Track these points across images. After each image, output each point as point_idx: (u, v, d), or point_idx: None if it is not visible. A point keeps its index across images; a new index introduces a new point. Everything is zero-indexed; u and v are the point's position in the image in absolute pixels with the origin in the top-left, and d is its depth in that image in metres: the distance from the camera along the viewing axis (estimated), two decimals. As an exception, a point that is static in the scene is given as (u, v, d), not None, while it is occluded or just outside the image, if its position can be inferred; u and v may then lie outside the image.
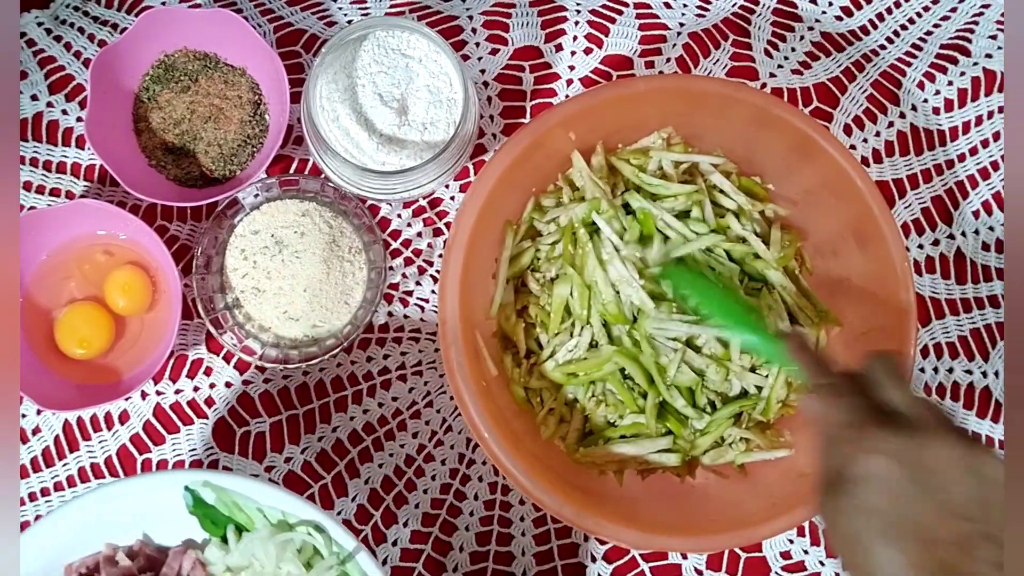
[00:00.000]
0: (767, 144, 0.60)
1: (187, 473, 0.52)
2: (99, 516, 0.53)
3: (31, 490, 0.63)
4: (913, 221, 0.68)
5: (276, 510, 0.53)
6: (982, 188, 0.68)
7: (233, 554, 0.53)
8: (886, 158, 0.68)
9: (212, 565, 0.54)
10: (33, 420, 0.63)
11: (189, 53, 0.65)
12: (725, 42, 0.68)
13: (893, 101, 0.69)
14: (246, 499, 0.53)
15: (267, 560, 0.52)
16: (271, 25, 0.67)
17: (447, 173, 0.59)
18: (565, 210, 0.60)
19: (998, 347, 0.66)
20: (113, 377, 0.62)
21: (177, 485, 0.53)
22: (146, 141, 0.64)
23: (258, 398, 0.64)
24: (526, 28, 0.68)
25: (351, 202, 0.62)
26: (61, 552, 0.53)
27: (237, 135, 0.64)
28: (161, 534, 0.55)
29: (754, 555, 0.64)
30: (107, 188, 0.66)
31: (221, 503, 0.53)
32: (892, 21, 0.70)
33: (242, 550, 0.53)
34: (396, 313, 0.65)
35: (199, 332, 0.65)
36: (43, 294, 0.62)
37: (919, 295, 0.67)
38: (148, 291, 0.62)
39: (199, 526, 0.54)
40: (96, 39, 0.66)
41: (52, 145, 0.66)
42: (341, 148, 0.58)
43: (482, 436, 0.55)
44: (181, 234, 0.65)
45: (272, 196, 0.61)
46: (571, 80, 0.68)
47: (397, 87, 0.58)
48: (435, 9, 0.68)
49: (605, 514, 0.56)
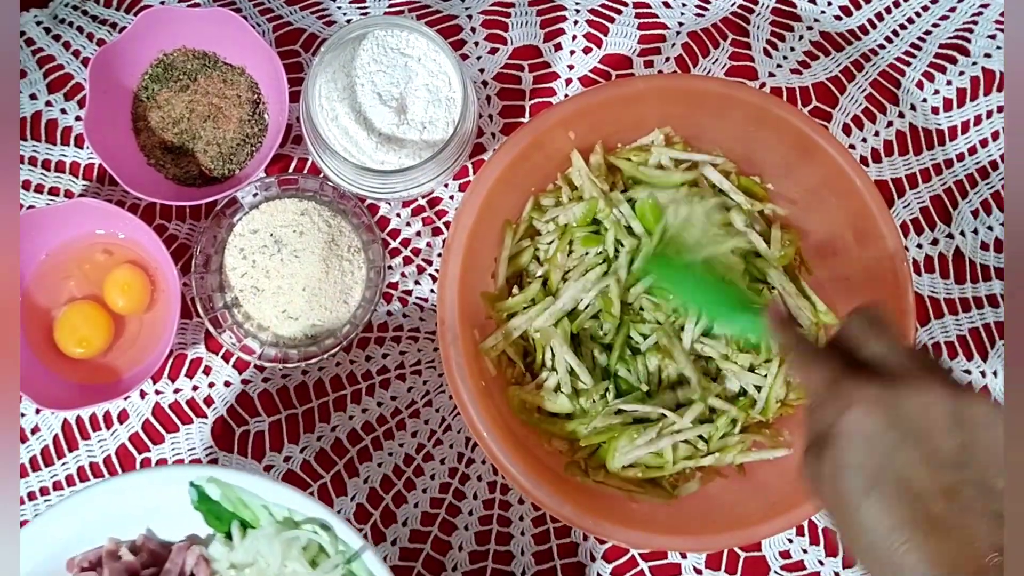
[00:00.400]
0: (766, 144, 0.60)
1: (193, 468, 0.52)
2: (103, 510, 0.52)
3: (31, 489, 0.63)
4: (912, 220, 0.68)
5: (282, 507, 0.52)
6: (981, 187, 0.68)
7: (238, 551, 0.53)
8: (885, 157, 0.68)
9: (216, 562, 0.53)
10: (32, 419, 0.63)
11: (188, 52, 0.65)
12: (724, 42, 0.68)
13: (892, 100, 0.69)
14: (251, 495, 0.52)
15: (272, 557, 0.51)
16: (270, 24, 0.67)
17: (446, 172, 0.59)
18: (564, 209, 0.60)
19: (997, 347, 0.66)
20: (112, 376, 0.62)
21: (182, 480, 0.52)
22: (145, 140, 0.64)
23: (257, 397, 0.64)
24: (525, 27, 0.68)
25: (350, 201, 0.62)
26: (64, 546, 0.53)
27: (236, 134, 0.64)
28: (165, 529, 0.55)
29: (753, 554, 0.64)
30: (106, 187, 0.66)
31: (226, 499, 0.53)
32: (891, 20, 0.70)
33: (247, 547, 0.52)
34: (395, 312, 0.65)
35: (198, 331, 0.65)
36: (42, 293, 0.62)
37: (918, 294, 0.67)
38: (147, 290, 0.62)
39: (204, 522, 0.54)
40: (95, 38, 0.66)
41: (51, 144, 0.66)
42: (340, 147, 0.58)
43: (481, 436, 0.55)
44: (180, 233, 0.65)
45: (271, 195, 0.61)
46: (570, 80, 0.68)
47: (396, 86, 0.58)
48: (434, 8, 0.68)
49: (604, 513, 0.56)
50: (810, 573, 0.64)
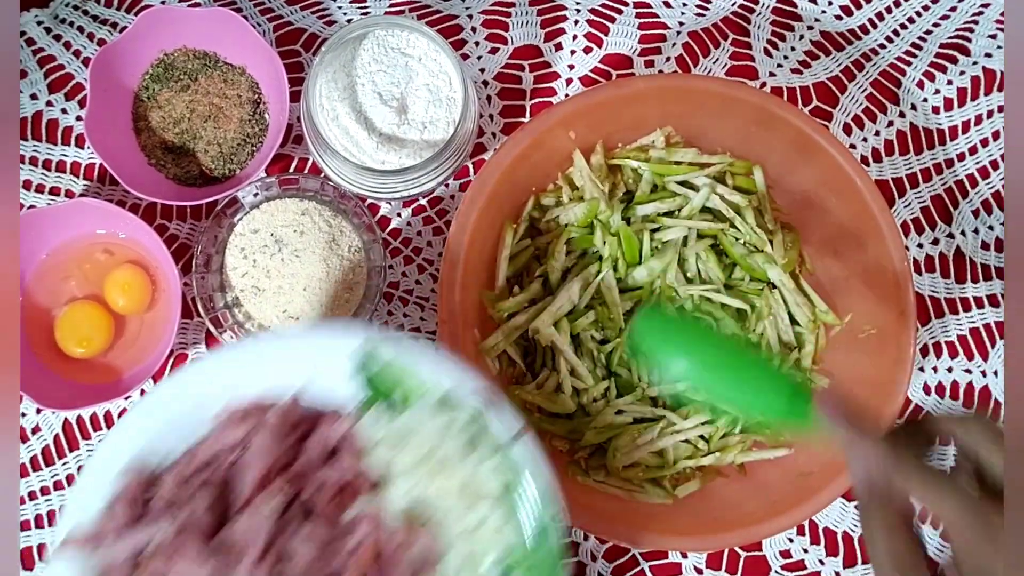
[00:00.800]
0: (767, 143, 0.60)
1: (360, 334, 0.48)
2: (260, 360, 0.48)
3: (31, 489, 0.63)
4: (913, 220, 0.68)
5: (442, 387, 0.48)
6: (982, 187, 0.68)
7: (392, 424, 0.48)
8: (886, 157, 0.68)
9: (368, 432, 0.48)
10: (33, 419, 0.63)
11: (189, 52, 0.65)
12: (725, 41, 0.68)
13: (893, 100, 0.69)
14: (413, 371, 0.48)
15: (428, 434, 0.47)
16: (271, 24, 0.67)
17: (447, 172, 0.59)
18: (565, 209, 0.60)
19: (998, 346, 0.66)
20: (113, 376, 0.62)
21: (347, 345, 0.48)
22: (145, 140, 0.64)
23: (258, 397, 0.64)
24: (526, 27, 0.68)
25: (351, 201, 0.62)
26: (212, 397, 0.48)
27: (237, 134, 0.64)
28: (318, 396, 0.49)
29: (754, 554, 0.64)
30: (107, 187, 0.66)
31: (388, 371, 0.48)
32: (892, 20, 0.70)
33: (404, 421, 0.48)
34: (396, 312, 0.65)
35: (199, 331, 0.65)
36: (43, 293, 0.62)
37: (919, 294, 0.67)
38: (148, 290, 0.62)
39: (359, 393, 0.49)
40: (96, 38, 0.66)
41: (52, 144, 0.66)
42: (341, 147, 0.58)
43: (482, 435, 0.55)
44: (181, 233, 0.65)
45: (272, 195, 0.61)
46: (571, 79, 0.68)
47: (397, 86, 0.58)
48: (435, 8, 0.68)
49: (605, 513, 0.56)
50: (811, 573, 0.64)
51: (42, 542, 0.63)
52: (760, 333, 0.61)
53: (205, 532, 0.45)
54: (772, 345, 0.61)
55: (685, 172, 0.61)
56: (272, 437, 0.47)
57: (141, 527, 0.44)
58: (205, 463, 0.47)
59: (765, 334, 0.61)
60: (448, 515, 0.45)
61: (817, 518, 0.65)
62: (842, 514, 0.65)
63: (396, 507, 0.46)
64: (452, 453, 0.46)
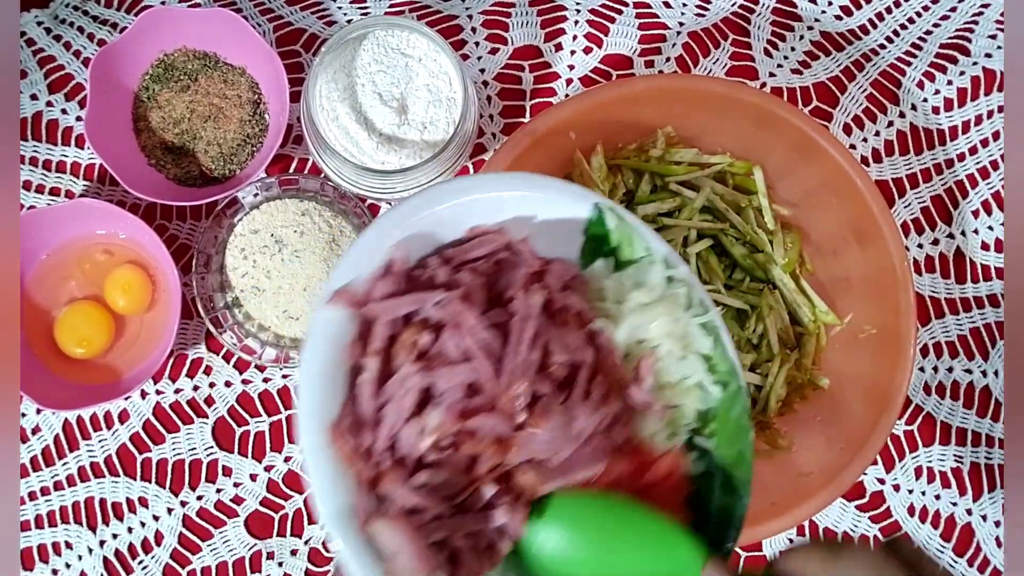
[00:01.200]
0: (767, 144, 0.60)
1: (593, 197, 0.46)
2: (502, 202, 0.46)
3: (31, 489, 0.63)
4: (913, 220, 0.68)
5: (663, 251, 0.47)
6: (982, 187, 0.68)
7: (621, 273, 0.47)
8: (886, 157, 0.68)
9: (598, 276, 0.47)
10: (33, 419, 0.63)
11: (189, 52, 0.65)
12: (725, 41, 0.68)
13: (893, 100, 0.69)
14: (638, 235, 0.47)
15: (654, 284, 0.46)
16: (271, 24, 0.67)
17: (447, 172, 0.59)
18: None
19: (998, 346, 0.66)
20: (113, 376, 0.62)
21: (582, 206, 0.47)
22: (146, 140, 0.64)
23: (258, 397, 0.64)
24: (526, 28, 0.68)
25: (351, 201, 0.62)
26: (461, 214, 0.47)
27: (237, 134, 0.64)
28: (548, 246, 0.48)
29: (754, 554, 0.64)
30: (107, 187, 0.66)
31: (615, 232, 0.47)
32: (892, 20, 0.70)
33: (630, 272, 0.47)
34: (396, 312, 0.65)
35: (199, 331, 0.65)
36: (43, 293, 0.62)
37: (919, 294, 0.67)
38: (148, 290, 0.62)
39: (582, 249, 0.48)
40: (96, 38, 0.66)
41: (52, 144, 0.66)
42: (341, 147, 0.58)
43: (482, 435, 0.55)
44: (181, 233, 0.65)
45: (272, 195, 0.61)
46: (571, 80, 0.68)
47: (397, 86, 0.58)
48: (435, 8, 0.68)
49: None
50: (811, 573, 0.64)
51: (42, 542, 0.63)
52: (760, 333, 0.61)
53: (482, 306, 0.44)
54: (772, 345, 0.61)
55: (685, 172, 0.61)
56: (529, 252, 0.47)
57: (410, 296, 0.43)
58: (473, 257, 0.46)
59: (765, 334, 0.61)
60: (663, 361, 0.46)
61: (817, 518, 0.65)
62: (842, 514, 0.65)
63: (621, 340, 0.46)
64: (673, 305, 0.46)
